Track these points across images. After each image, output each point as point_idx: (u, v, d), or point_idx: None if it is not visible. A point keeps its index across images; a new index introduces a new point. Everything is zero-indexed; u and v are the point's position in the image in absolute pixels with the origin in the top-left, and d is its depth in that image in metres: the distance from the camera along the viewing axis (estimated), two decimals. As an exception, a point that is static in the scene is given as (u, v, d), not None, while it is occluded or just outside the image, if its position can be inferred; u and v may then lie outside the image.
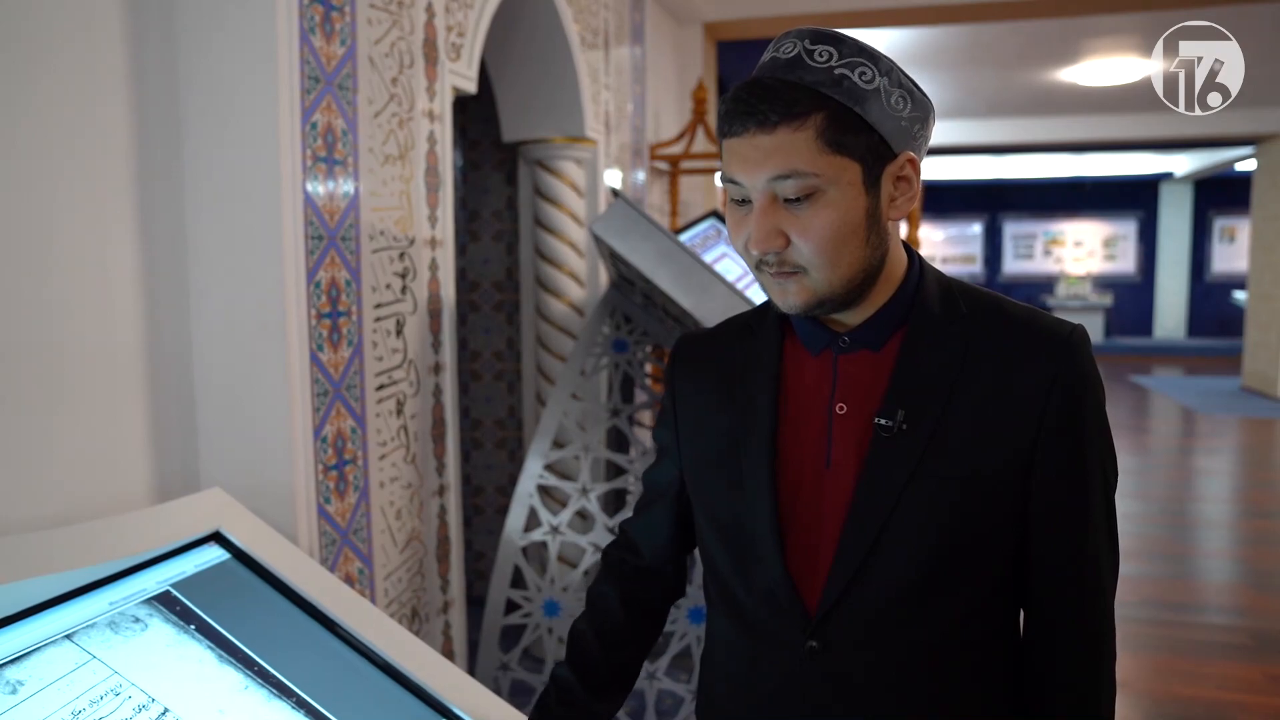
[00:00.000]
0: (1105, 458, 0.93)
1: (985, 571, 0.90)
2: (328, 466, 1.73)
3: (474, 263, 3.94)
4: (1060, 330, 0.92)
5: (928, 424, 0.89)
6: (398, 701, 1.22)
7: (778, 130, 0.84)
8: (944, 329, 0.93)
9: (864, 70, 0.86)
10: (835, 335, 0.95)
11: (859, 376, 0.94)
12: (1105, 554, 0.93)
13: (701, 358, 1.06)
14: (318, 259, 1.68)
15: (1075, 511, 0.91)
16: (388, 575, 1.94)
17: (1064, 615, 0.92)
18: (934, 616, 0.89)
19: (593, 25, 3.25)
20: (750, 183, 0.87)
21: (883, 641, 0.90)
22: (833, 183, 0.86)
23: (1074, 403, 0.89)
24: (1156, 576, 4.50)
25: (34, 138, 1.31)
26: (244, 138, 1.57)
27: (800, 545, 0.93)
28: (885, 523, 0.89)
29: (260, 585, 1.30)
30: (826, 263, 0.88)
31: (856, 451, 0.91)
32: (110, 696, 1.01)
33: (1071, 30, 6.40)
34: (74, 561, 1.14)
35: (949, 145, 10.65)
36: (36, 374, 1.32)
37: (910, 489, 0.88)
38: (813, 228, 0.86)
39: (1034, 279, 15.28)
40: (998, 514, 0.89)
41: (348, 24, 1.75)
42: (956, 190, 15.16)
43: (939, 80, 8.01)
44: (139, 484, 1.51)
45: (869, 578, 0.89)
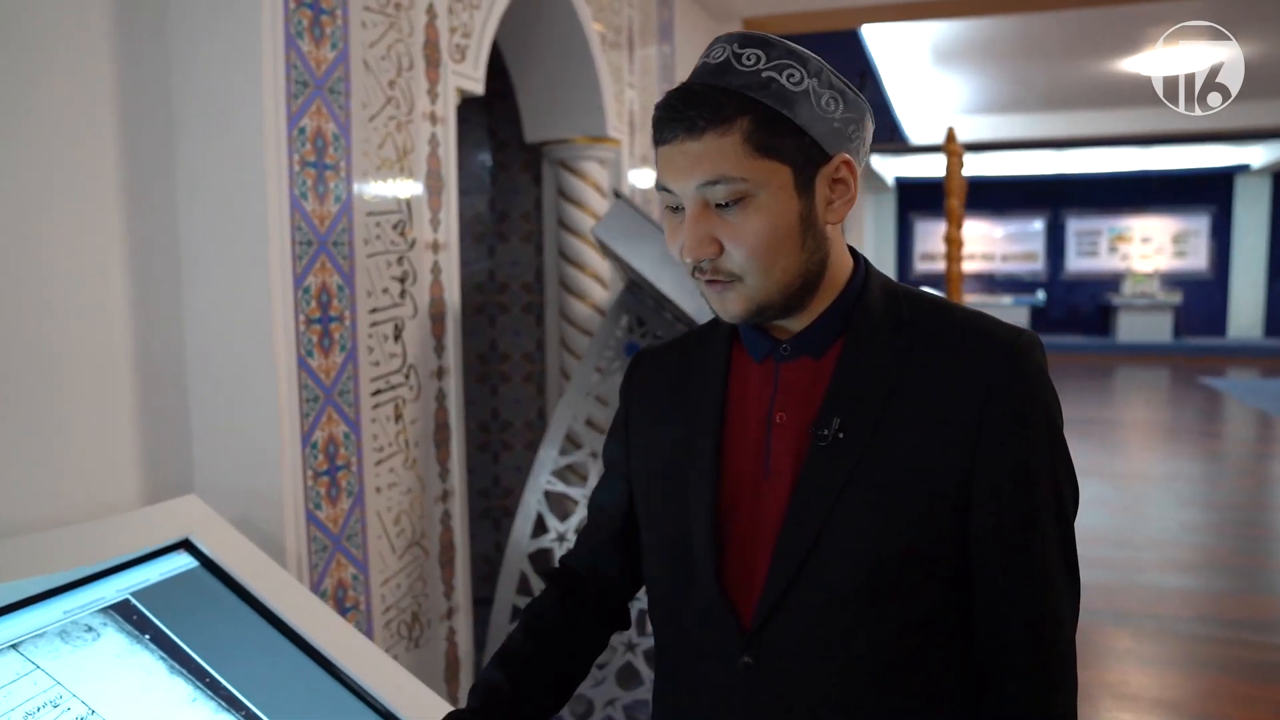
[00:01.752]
0: (1057, 474, 0.87)
1: (926, 588, 0.85)
2: (318, 472, 1.72)
3: (503, 264, 3.94)
4: (1003, 336, 0.87)
5: (864, 433, 0.85)
6: (353, 716, 1.20)
7: (705, 136, 0.82)
8: (885, 336, 0.89)
9: (792, 72, 0.84)
10: (777, 343, 0.92)
11: (799, 385, 0.90)
12: (1059, 579, 0.86)
13: (656, 371, 1.03)
14: (306, 264, 1.67)
15: (1018, 530, 0.85)
16: (385, 581, 1.93)
17: (1010, 641, 0.86)
18: (871, 633, 0.85)
19: (615, 24, 3.22)
20: (681, 189, 0.85)
21: (818, 657, 0.85)
22: (762, 187, 0.83)
23: (1015, 414, 0.84)
24: (1217, 591, 4.29)
25: (25, 144, 1.33)
26: (231, 143, 1.57)
27: (737, 558, 0.89)
28: (819, 534, 0.84)
29: (226, 594, 1.29)
30: (760, 269, 0.85)
31: (793, 461, 0.87)
32: (48, 708, 1.01)
33: (1132, 18, 6.17)
34: (32, 569, 1.14)
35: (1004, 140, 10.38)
36: (28, 380, 1.33)
37: (844, 499, 0.84)
38: (744, 233, 0.84)
39: (1098, 276, 14.82)
40: (936, 527, 0.84)
41: (339, 28, 1.74)
42: (1016, 186, 14.78)
43: (988, 73, 7.81)
44: (131, 489, 1.52)
45: (803, 591, 0.85)
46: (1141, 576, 4.41)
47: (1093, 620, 3.87)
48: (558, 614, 1.04)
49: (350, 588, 1.82)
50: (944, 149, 3.97)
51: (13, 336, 1.32)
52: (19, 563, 1.14)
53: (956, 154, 3.97)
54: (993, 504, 0.84)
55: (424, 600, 2.10)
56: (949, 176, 3.95)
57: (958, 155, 3.99)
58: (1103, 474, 6.49)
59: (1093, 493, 5.98)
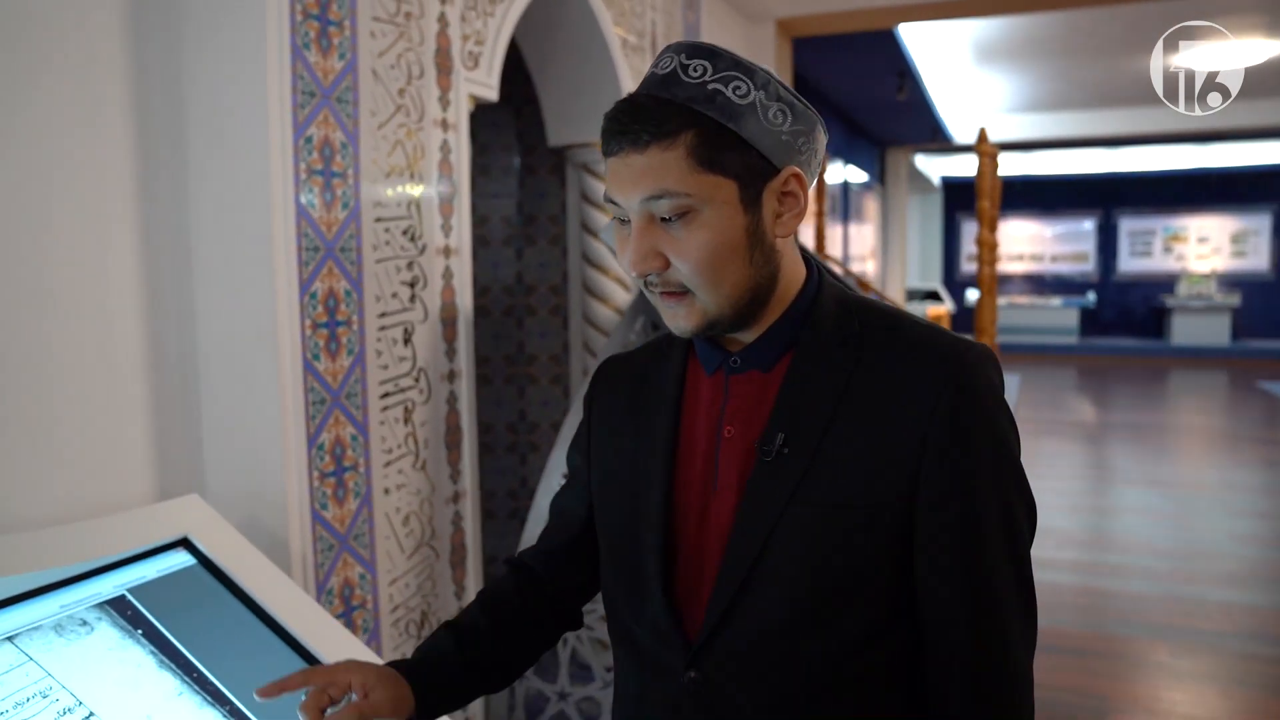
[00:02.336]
0: (1007, 494, 0.85)
1: (870, 605, 0.84)
2: (324, 473, 1.76)
3: (530, 266, 3.97)
4: (952, 350, 0.85)
5: (808, 449, 0.84)
6: (338, 713, 1.22)
7: (649, 150, 0.82)
8: (833, 349, 0.87)
9: (738, 85, 0.83)
10: (728, 355, 0.91)
11: (747, 398, 0.89)
12: (1010, 600, 0.85)
13: (617, 380, 1.03)
14: (313, 270, 1.71)
15: (963, 549, 0.83)
16: (393, 581, 1.97)
17: (955, 662, 0.84)
18: (816, 648, 0.84)
19: (637, 28, 3.23)
20: (626, 203, 0.85)
21: (763, 673, 0.85)
22: (707, 202, 0.83)
23: (959, 430, 0.83)
24: (1265, 606, 4.16)
25: (40, 154, 1.39)
26: (238, 152, 1.62)
27: (685, 572, 0.89)
28: (762, 549, 0.84)
29: (222, 592, 1.33)
30: (707, 283, 0.85)
31: (739, 476, 0.87)
32: (37, 699, 1.05)
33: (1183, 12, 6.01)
34: (32, 564, 1.19)
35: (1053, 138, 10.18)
36: (42, 381, 1.39)
37: (788, 515, 0.84)
38: (689, 248, 0.84)
39: (1152, 277, 14.44)
40: (879, 544, 0.83)
41: (347, 38, 1.78)
42: (1066, 185, 14.47)
43: (1034, 71, 7.66)
44: (142, 488, 1.57)
45: (747, 606, 0.85)
46: (1183, 588, 4.29)
47: (1128, 632, 3.78)
48: (515, 600, 1.04)
49: (357, 587, 1.86)
50: (975, 149, 3.91)
51: (27, 338, 1.38)
52: (20, 558, 1.19)
53: (989, 154, 3.90)
54: (936, 522, 0.83)
55: (433, 600, 2.13)
56: (980, 177, 3.87)
57: (990, 156, 3.92)
58: (1149, 481, 6.33)
59: (1136, 500, 5.84)
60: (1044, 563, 4.56)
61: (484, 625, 1.02)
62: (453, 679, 0.98)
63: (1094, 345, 13.76)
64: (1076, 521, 5.38)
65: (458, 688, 0.99)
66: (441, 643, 1.00)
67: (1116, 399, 10.42)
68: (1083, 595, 4.21)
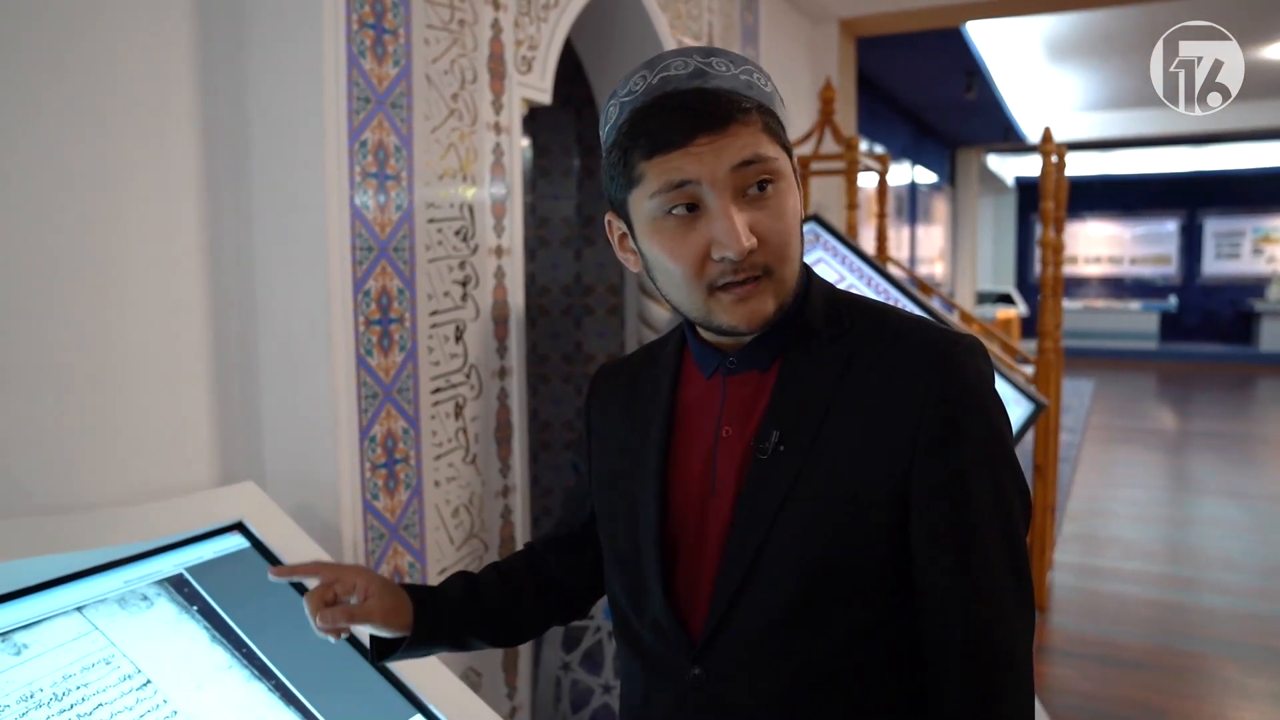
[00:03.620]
0: (1002, 484, 0.85)
1: (868, 599, 0.86)
2: (376, 465, 1.83)
3: (589, 267, 4.03)
4: (941, 342, 0.86)
5: (803, 446, 0.86)
6: (378, 694, 1.28)
7: (729, 128, 0.81)
8: (825, 346, 0.89)
9: (759, 76, 0.87)
10: (725, 356, 0.93)
11: (744, 398, 0.91)
12: (1006, 590, 0.84)
13: (613, 385, 1.05)
14: (367, 269, 1.79)
15: (956, 541, 0.83)
16: (442, 570, 2.04)
17: (951, 653, 0.85)
18: (817, 643, 0.86)
19: (694, 30, 3.26)
20: (711, 176, 0.81)
21: (765, 668, 0.87)
22: (782, 173, 0.85)
23: (949, 422, 0.83)
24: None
25: (115, 157, 1.49)
26: (296, 156, 1.70)
27: (686, 572, 0.91)
28: (761, 546, 0.86)
29: (272, 573, 1.40)
30: (788, 258, 0.85)
31: (737, 475, 0.89)
32: (101, 665, 1.13)
33: (1271, 3, 5.79)
34: (99, 541, 1.28)
35: (1132, 137, 9.87)
36: (112, 373, 1.49)
37: (785, 512, 0.85)
38: (778, 214, 0.84)
39: (1240, 281, 13.88)
40: (875, 538, 0.84)
41: (401, 46, 1.85)
42: (1147, 184, 14.00)
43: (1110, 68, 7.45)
44: (204, 474, 1.66)
45: (748, 603, 0.87)
46: (1256, 604, 4.13)
47: (1194, 647, 3.67)
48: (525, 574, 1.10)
49: (407, 575, 1.93)
50: (1039, 149, 3.83)
51: (99, 332, 1.48)
52: (90, 535, 1.27)
53: (1054, 154, 3.82)
54: (930, 514, 0.84)
55: (482, 590, 2.19)
56: (1044, 178, 3.79)
57: (1055, 155, 3.84)
58: (1228, 493, 6.10)
59: (1214, 512, 5.63)
60: (1108, 573, 4.45)
61: (495, 583, 1.08)
62: (453, 615, 1.03)
63: (1175, 351, 13.27)
64: (1147, 532, 5.22)
65: (455, 626, 1.03)
66: (454, 582, 1.06)
67: (1197, 407, 10.04)
68: (1148, 608, 4.09)
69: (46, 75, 1.40)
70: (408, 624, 0.98)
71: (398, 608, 0.98)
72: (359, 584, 0.97)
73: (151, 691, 1.13)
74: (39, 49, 1.39)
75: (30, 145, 1.38)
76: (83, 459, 1.44)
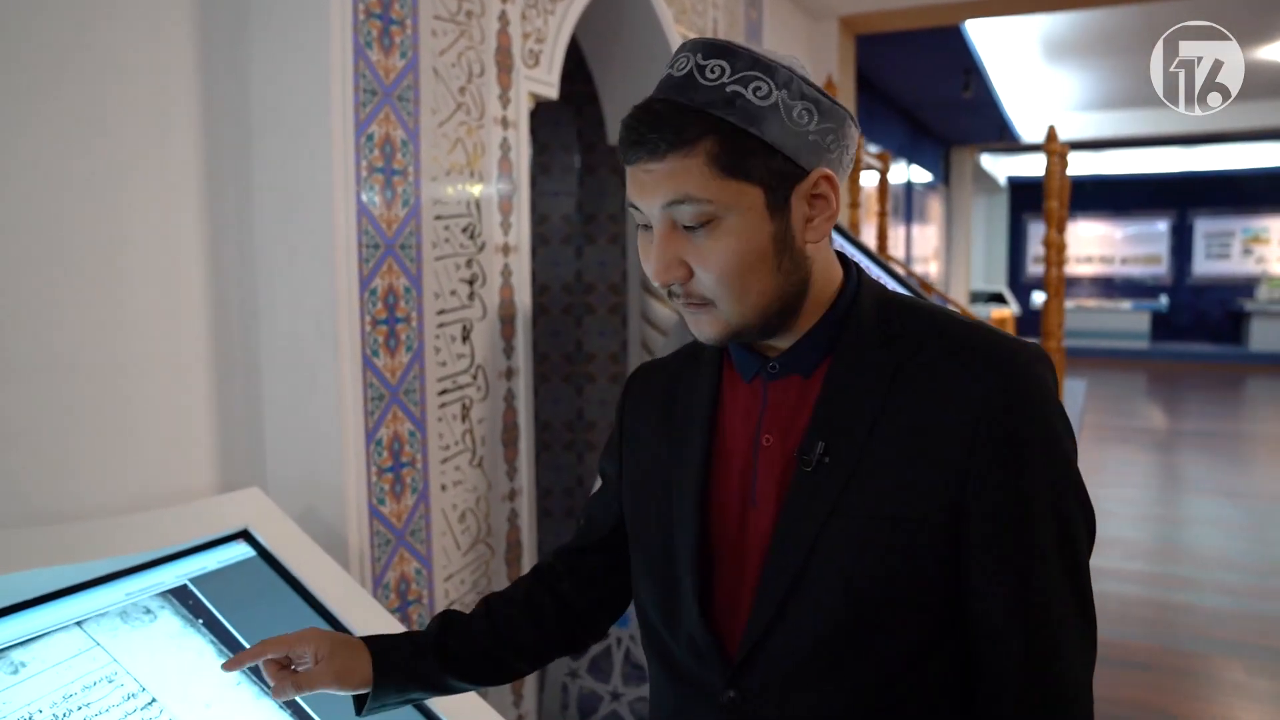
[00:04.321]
0: (1064, 503, 0.80)
1: (917, 623, 0.80)
2: (382, 469, 1.78)
3: (590, 265, 3.98)
4: (1002, 349, 0.80)
5: (850, 458, 0.80)
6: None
7: (667, 158, 0.78)
8: (874, 352, 0.83)
9: (759, 85, 0.78)
10: (766, 360, 0.88)
11: (786, 405, 0.86)
12: (1067, 616, 0.79)
13: (649, 387, 1.00)
14: (373, 267, 1.73)
15: (1015, 564, 0.78)
16: (449, 576, 1.98)
17: (1007, 683, 0.79)
18: (860, 668, 0.80)
19: (699, 25, 3.21)
20: (647, 209, 0.81)
21: (805, 693, 0.82)
22: (731, 209, 0.79)
23: (1010, 437, 0.78)
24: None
25: (115, 149, 1.43)
26: (301, 150, 1.64)
27: (724, 588, 0.86)
28: (803, 565, 0.80)
29: (279, 584, 1.35)
30: (731, 294, 0.81)
31: (778, 487, 0.84)
32: (104, 683, 1.07)
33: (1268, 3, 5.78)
34: (99, 552, 1.22)
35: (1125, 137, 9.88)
36: (110, 374, 1.43)
37: (830, 528, 0.79)
38: (712, 257, 0.80)
39: (1230, 280, 13.93)
40: (926, 559, 0.79)
41: (409, 37, 1.79)
42: (1138, 185, 14.04)
43: (1106, 67, 7.44)
44: (205, 479, 1.60)
45: (788, 624, 0.80)
46: (1260, 604, 4.12)
47: (1199, 648, 3.64)
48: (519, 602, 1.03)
49: (413, 582, 1.88)
50: (1044, 148, 3.80)
51: (98, 335, 1.42)
52: (89, 546, 1.22)
53: (1058, 153, 3.79)
54: (986, 535, 0.78)
55: (488, 596, 2.14)
56: (1049, 177, 3.77)
57: (1059, 155, 3.81)
58: (1223, 492, 6.10)
59: (1209, 511, 5.63)
60: (1109, 573, 4.42)
61: (478, 619, 1.01)
62: (422, 662, 0.97)
63: (1166, 350, 13.31)
64: (1145, 532, 5.21)
65: (425, 672, 0.97)
66: (429, 626, 1.00)
67: (1189, 406, 10.07)
68: (1150, 608, 4.08)
69: (46, 70, 1.34)
70: (367, 679, 0.94)
71: (351, 667, 0.93)
72: (309, 649, 0.93)
73: (157, 711, 1.08)
74: (40, 44, 1.33)
75: (27, 142, 1.32)
76: (79, 464, 1.38)
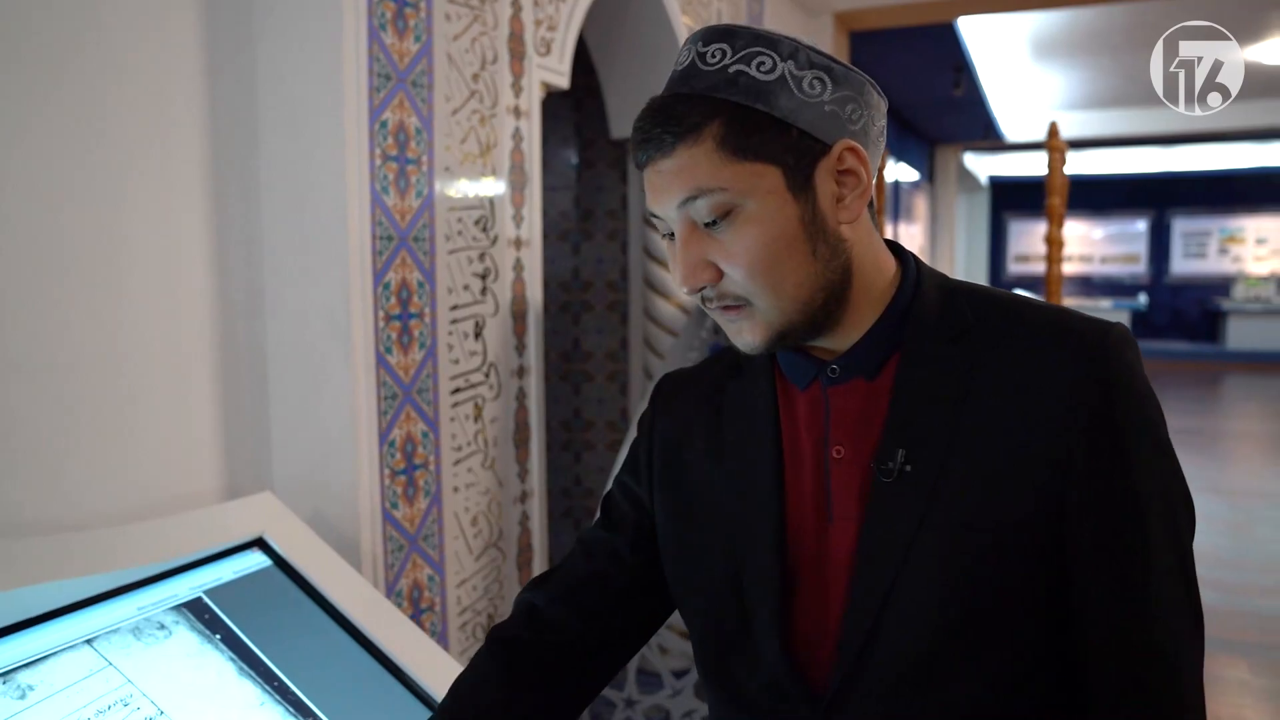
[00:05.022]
0: (1168, 492, 0.75)
1: (1022, 636, 0.74)
2: (395, 471, 1.70)
3: (588, 261, 3.91)
4: (1089, 333, 0.74)
5: (934, 463, 0.74)
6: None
7: (676, 151, 0.74)
8: (945, 346, 0.77)
9: (762, 60, 0.73)
10: (823, 365, 0.81)
11: (853, 412, 0.79)
12: (1181, 621, 0.74)
13: (684, 402, 0.92)
14: (387, 260, 1.65)
15: (1127, 566, 0.72)
16: (461, 583, 1.91)
17: (1125, 701, 0.73)
18: (962, 691, 0.74)
19: (703, 17, 3.15)
20: (664, 213, 0.77)
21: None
22: (748, 194, 0.73)
23: (1109, 423, 0.72)
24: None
25: (110, 137, 1.33)
26: (312, 137, 1.56)
27: (805, 616, 0.79)
28: (893, 584, 0.74)
29: (299, 595, 1.27)
30: (766, 288, 0.75)
31: (858, 501, 0.77)
32: (119, 706, 0.99)
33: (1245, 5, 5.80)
34: (108, 564, 1.13)
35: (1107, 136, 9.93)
36: (111, 374, 1.34)
37: (920, 542, 0.73)
38: (738, 249, 0.74)
39: (1207, 280, 14.06)
40: (1027, 567, 0.73)
41: (423, 20, 1.71)
42: (1117, 185, 14.13)
43: (1092, 67, 7.46)
44: (211, 483, 1.51)
45: (880, 649, 0.74)
46: (1256, 602, 4.11)
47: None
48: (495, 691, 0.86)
49: (426, 589, 1.80)
50: (1046, 145, 3.77)
51: (96, 332, 1.32)
52: (96, 557, 1.13)
53: (1059, 150, 3.77)
54: (1091, 533, 0.72)
55: (500, 603, 2.06)
56: (1051, 174, 3.75)
57: (1060, 152, 3.78)
58: (1208, 489, 6.11)
59: (1200, 509, 5.62)
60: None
61: None
62: None
63: (1145, 349, 13.11)
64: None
65: None
66: None
67: (1169, 403, 10.05)
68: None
69: (49, 61, 1.25)
70: None
71: None
72: None
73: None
74: (40, 32, 1.24)
75: (23, 133, 1.23)
76: (75, 469, 1.29)
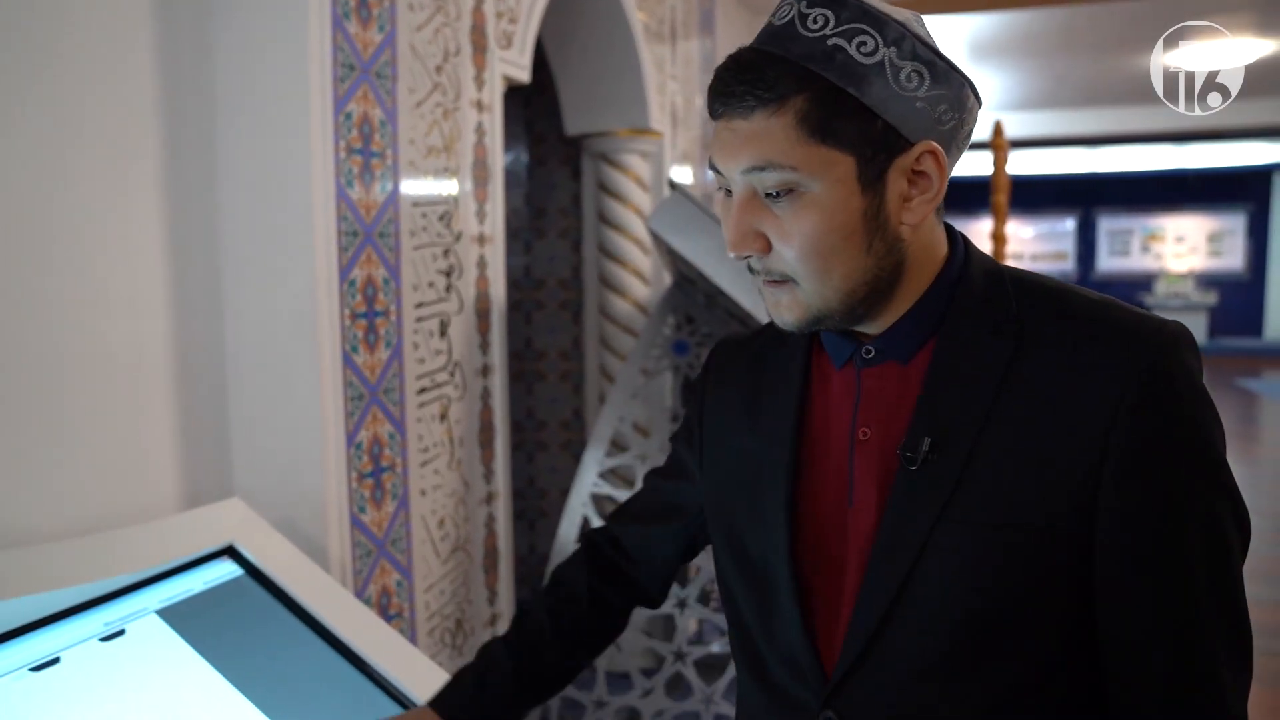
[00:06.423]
0: (1216, 512, 0.71)
1: (1040, 641, 0.72)
2: (363, 474, 1.64)
3: (539, 260, 3.86)
4: (1141, 330, 0.71)
5: (960, 454, 0.72)
6: None
7: (754, 115, 0.71)
8: (986, 334, 0.74)
9: (864, 40, 0.70)
10: (860, 345, 0.79)
11: (884, 395, 0.77)
12: (1218, 637, 0.70)
13: (735, 364, 0.91)
14: (352, 256, 1.60)
15: (1158, 574, 0.69)
16: (429, 587, 1.86)
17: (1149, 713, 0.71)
18: (974, 692, 0.72)
19: (659, 14, 3.13)
20: (727, 172, 0.75)
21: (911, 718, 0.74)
22: (817, 178, 0.71)
23: (1153, 432, 0.69)
24: (1267, 601, 4.13)
25: (59, 130, 1.25)
26: (274, 129, 1.50)
27: (822, 598, 0.78)
28: (907, 576, 0.72)
29: (272, 604, 1.22)
30: (813, 273, 0.73)
31: (879, 487, 0.75)
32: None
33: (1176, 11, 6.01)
34: (74, 577, 1.07)
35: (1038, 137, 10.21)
36: (62, 379, 1.26)
37: (939, 533, 0.71)
38: (793, 231, 0.72)
39: (1130, 277, 14.56)
40: (1051, 569, 0.70)
41: (386, 9, 1.66)
42: (1046, 184, 14.55)
43: (1025, 69, 7.65)
44: (169, 492, 1.44)
45: (891, 640, 0.73)
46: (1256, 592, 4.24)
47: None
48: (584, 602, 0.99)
49: (394, 594, 1.75)
50: (990, 145, 3.86)
51: (42, 336, 1.24)
52: (60, 571, 1.07)
53: (1003, 149, 3.86)
54: (1122, 543, 0.70)
55: (468, 606, 2.02)
56: (996, 172, 3.83)
57: (1004, 150, 3.88)
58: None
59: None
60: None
61: (549, 631, 0.98)
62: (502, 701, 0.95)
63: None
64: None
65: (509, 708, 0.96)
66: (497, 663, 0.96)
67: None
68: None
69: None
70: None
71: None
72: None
73: (155, 757, 0.95)
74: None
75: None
76: (25, 483, 1.21)
